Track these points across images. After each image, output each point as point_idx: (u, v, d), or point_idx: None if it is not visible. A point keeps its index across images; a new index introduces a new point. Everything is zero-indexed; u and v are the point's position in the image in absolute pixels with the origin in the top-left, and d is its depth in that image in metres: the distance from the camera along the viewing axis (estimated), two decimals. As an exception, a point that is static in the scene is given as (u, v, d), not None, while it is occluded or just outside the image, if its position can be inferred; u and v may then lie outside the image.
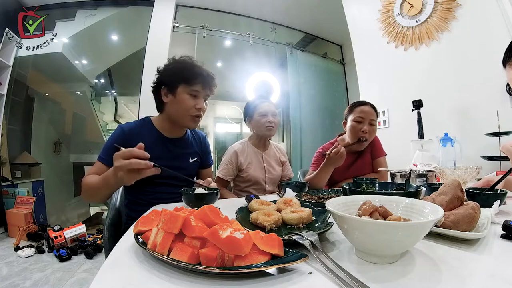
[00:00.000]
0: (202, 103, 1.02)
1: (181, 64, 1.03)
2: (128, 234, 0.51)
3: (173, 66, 1.03)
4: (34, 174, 3.14)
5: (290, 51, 3.66)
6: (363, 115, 1.34)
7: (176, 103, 1.00)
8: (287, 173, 1.57)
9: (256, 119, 1.42)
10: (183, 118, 1.01)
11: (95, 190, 0.87)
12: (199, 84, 1.00)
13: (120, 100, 4.58)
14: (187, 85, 0.99)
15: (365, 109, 1.35)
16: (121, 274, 0.37)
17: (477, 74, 1.77)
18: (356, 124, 1.34)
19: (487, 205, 0.59)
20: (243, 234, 0.36)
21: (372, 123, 1.34)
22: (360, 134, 1.33)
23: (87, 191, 0.90)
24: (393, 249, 0.38)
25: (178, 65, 1.03)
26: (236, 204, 0.71)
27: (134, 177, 0.75)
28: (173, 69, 1.02)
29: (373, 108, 1.38)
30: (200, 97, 1.02)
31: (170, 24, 3.11)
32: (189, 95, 1.00)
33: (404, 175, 0.96)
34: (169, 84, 1.01)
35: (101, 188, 0.85)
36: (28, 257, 2.04)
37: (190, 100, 1.00)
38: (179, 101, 0.99)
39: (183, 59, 1.04)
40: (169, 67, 1.04)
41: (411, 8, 2.15)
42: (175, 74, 1.01)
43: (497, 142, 1.64)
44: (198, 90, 1.00)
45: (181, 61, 1.03)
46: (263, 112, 1.41)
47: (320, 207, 0.61)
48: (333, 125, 3.66)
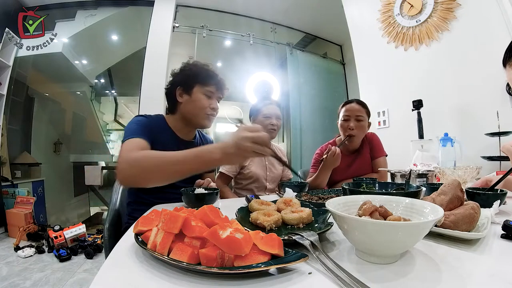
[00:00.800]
0: (216, 103, 1.08)
1: (197, 66, 1.08)
2: (128, 234, 0.51)
3: (190, 68, 1.08)
4: (34, 174, 3.14)
5: (290, 51, 3.65)
6: (348, 113, 1.40)
7: (191, 102, 1.04)
8: (287, 174, 1.60)
9: (260, 120, 1.46)
10: (198, 116, 1.04)
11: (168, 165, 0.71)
12: (213, 86, 1.06)
13: (120, 100, 4.59)
14: (202, 86, 1.04)
15: (350, 106, 1.41)
16: (121, 274, 0.37)
17: (477, 74, 1.77)
18: (343, 122, 1.41)
19: (487, 205, 0.59)
20: (243, 234, 0.36)
21: (359, 119, 1.38)
22: (348, 131, 1.38)
23: (150, 166, 0.72)
24: (393, 249, 0.38)
25: (194, 67, 1.07)
26: (236, 204, 0.71)
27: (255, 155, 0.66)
28: (190, 71, 1.07)
29: (360, 104, 1.42)
30: (214, 98, 1.07)
31: (170, 24, 3.11)
32: (204, 95, 1.04)
33: (404, 175, 0.96)
34: (185, 84, 1.05)
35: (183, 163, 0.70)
36: (28, 257, 2.04)
37: (205, 99, 1.04)
38: (195, 100, 1.03)
39: (199, 62, 1.10)
40: (186, 69, 1.08)
41: (411, 8, 2.15)
42: (192, 75, 1.05)
43: (497, 142, 1.64)
44: (212, 91, 1.06)
45: (197, 64, 1.09)
46: (268, 114, 1.46)
47: (320, 207, 0.61)
48: (333, 125, 3.64)
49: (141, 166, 0.72)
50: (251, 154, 0.65)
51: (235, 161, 0.70)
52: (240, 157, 0.66)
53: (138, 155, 0.75)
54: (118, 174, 0.74)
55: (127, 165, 0.74)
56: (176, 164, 0.70)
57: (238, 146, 0.64)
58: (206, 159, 0.68)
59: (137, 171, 0.72)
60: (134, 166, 0.73)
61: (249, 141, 0.63)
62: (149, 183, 0.75)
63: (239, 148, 0.64)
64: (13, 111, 3.01)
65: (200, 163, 0.69)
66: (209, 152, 0.68)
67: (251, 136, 0.64)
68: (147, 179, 0.73)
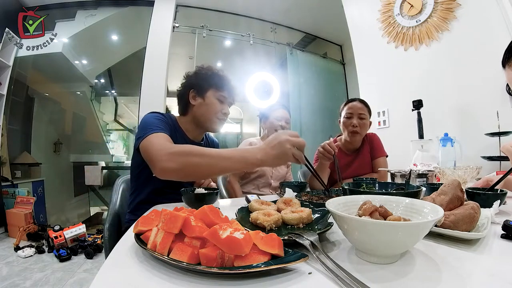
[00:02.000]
0: (227, 108, 1.10)
1: (212, 71, 1.09)
2: (128, 234, 0.51)
3: (205, 72, 1.09)
4: (34, 174, 3.14)
5: (290, 51, 3.66)
6: (351, 111, 1.43)
7: (204, 105, 1.05)
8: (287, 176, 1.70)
9: (271, 121, 1.56)
10: (210, 120, 1.05)
11: (217, 160, 0.71)
12: (226, 91, 1.07)
13: (120, 100, 4.59)
14: (216, 90, 1.05)
15: (353, 104, 1.45)
16: (121, 274, 0.37)
17: (477, 74, 1.77)
18: (346, 120, 1.44)
19: (487, 205, 0.59)
20: (243, 234, 0.36)
21: (362, 117, 1.42)
22: (351, 128, 1.41)
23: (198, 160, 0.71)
24: (393, 249, 0.38)
25: (209, 71, 1.09)
26: (236, 204, 0.71)
27: (291, 158, 0.68)
28: (205, 75, 1.08)
29: (362, 103, 1.45)
30: (226, 103, 1.09)
31: (170, 24, 3.11)
32: (217, 100, 1.05)
33: (404, 175, 0.96)
34: (199, 87, 1.06)
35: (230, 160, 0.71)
36: (28, 257, 2.04)
37: (218, 104, 1.05)
38: (208, 104, 1.04)
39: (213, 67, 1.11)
40: (201, 72, 1.09)
41: (411, 8, 2.15)
42: (206, 79, 1.06)
43: (497, 142, 1.64)
44: (225, 96, 1.07)
45: (212, 68, 1.10)
46: (279, 117, 1.56)
47: (320, 207, 0.61)
48: (333, 125, 3.65)
49: (188, 159, 0.72)
50: (290, 158, 0.67)
51: (276, 162, 0.68)
52: (281, 159, 0.68)
53: (183, 148, 0.75)
54: (158, 165, 0.73)
55: (171, 156, 0.72)
56: (224, 160, 0.71)
57: (280, 148, 0.66)
58: (250, 159, 0.70)
59: (184, 163, 0.72)
60: (180, 158, 0.72)
61: (290, 144, 0.66)
62: (191, 176, 0.78)
63: (281, 150, 0.66)
64: (13, 111, 3.01)
65: (245, 163, 0.71)
66: (253, 153, 0.70)
67: (292, 140, 0.66)
68: (193, 173, 0.74)
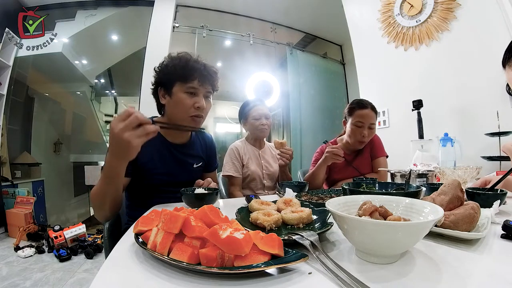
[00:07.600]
0: (201, 101, 0.92)
1: (176, 60, 0.93)
2: (128, 234, 0.51)
3: (167, 64, 0.94)
4: (34, 174, 3.14)
5: (290, 51, 3.65)
6: (363, 120, 1.36)
7: (173, 104, 0.92)
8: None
9: (250, 122, 1.50)
10: (182, 119, 0.93)
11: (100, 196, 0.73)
12: (195, 80, 0.91)
13: (120, 100, 4.58)
14: (182, 83, 0.90)
15: (365, 113, 1.37)
16: (121, 274, 0.37)
17: (477, 74, 1.77)
18: (356, 128, 1.38)
19: (487, 205, 0.59)
20: (243, 234, 0.36)
21: (372, 127, 1.38)
22: (360, 137, 1.37)
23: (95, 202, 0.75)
24: (393, 249, 0.38)
25: (172, 62, 0.93)
26: (236, 204, 0.71)
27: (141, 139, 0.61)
28: (168, 67, 0.93)
29: (373, 110, 1.40)
30: (199, 94, 0.92)
31: (170, 24, 3.11)
32: (186, 94, 0.91)
33: (404, 175, 0.96)
34: (165, 84, 0.93)
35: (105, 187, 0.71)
36: (28, 257, 2.04)
37: (187, 99, 0.90)
38: (176, 102, 0.91)
39: (180, 55, 0.95)
40: (163, 65, 0.95)
41: (411, 8, 2.15)
42: (170, 72, 0.92)
43: (497, 142, 1.64)
44: (195, 87, 0.91)
45: (176, 57, 0.94)
46: (257, 116, 1.48)
47: (320, 207, 0.61)
48: (333, 125, 3.66)
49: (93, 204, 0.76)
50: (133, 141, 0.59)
51: (124, 154, 0.61)
52: (124, 148, 0.60)
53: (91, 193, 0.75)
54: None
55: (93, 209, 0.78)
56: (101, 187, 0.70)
57: (114, 138, 0.60)
58: (110, 170, 0.67)
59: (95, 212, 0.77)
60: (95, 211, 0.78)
61: (123, 130, 0.58)
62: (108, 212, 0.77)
63: (115, 140, 0.59)
64: (13, 111, 3.01)
65: (109, 172, 0.68)
66: (106, 161, 0.66)
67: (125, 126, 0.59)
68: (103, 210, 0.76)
